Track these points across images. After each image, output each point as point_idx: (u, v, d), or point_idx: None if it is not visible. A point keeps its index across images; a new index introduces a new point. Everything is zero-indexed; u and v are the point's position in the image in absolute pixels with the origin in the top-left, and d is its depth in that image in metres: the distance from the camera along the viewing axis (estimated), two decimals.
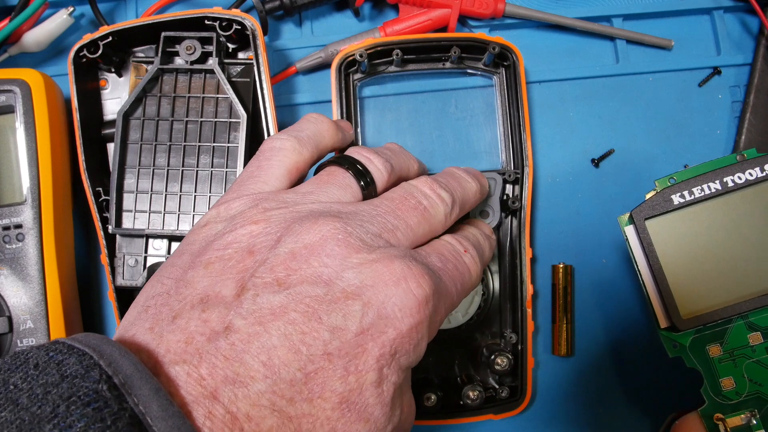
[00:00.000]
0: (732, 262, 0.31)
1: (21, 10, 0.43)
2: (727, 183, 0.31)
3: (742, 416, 0.30)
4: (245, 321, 0.22)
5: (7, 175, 0.41)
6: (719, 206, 0.31)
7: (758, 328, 0.30)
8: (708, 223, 0.31)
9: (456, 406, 0.42)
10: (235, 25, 0.41)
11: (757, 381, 0.30)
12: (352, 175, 0.29)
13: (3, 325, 0.40)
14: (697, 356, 0.32)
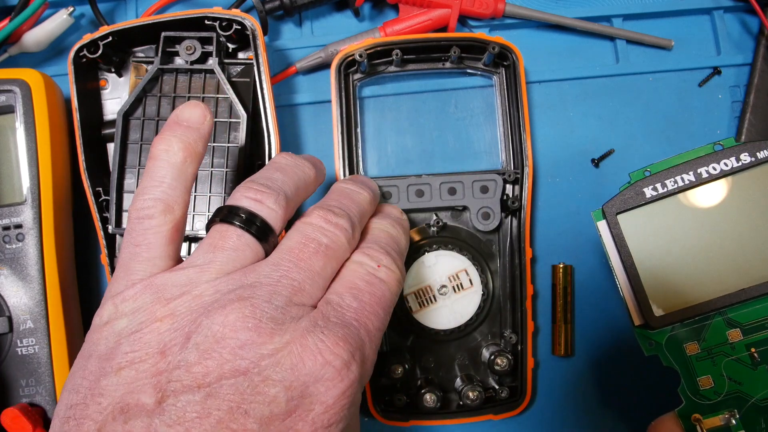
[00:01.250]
0: (709, 257, 0.30)
1: (21, 10, 0.43)
2: (701, 174, 0.30)
3: (721, 417, 0.29)
4: (171, 429, 0.22)
5: (7, 175, 0.41)
6: (694, 198, 0.30)
7: (737, 325, 0.29)
8: (683, 216, 0.30)
9: (456, 406, 0.42)
10: (235, 25, 0.41)
11: (736, 380, 0.29)
12: (245, 231, 0.28)
13: (3, 325, 0.40)
14: (673, 354, 0.31)
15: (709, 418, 0.29)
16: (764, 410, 0.28)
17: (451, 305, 0.41)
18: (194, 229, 0.40)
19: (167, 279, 0.26)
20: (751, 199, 0.29)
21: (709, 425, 0.29)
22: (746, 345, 0.29)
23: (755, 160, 0.29)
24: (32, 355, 0.40)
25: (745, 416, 0.29)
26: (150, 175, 0.29)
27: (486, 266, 0.42)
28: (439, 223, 0.43)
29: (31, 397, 0.40)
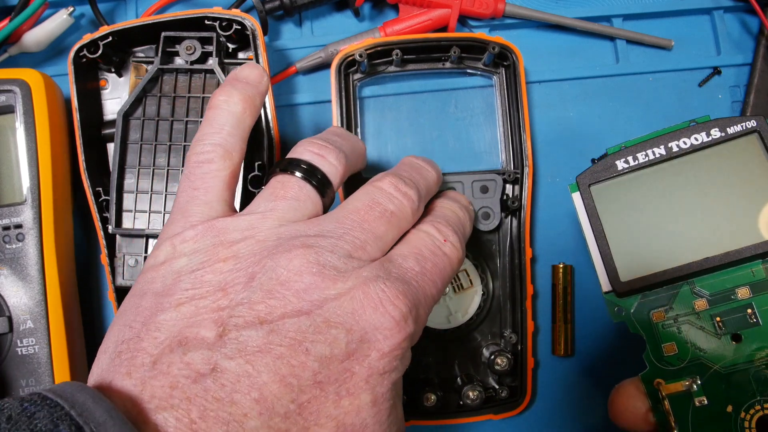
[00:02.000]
0: (676, 228, 0.30)
1: (21, 10, 0.43)
2: (671, 148, 0.30)
3: (683, 383, 0.29)
4: (233, 361, 0.22)
5: (7, 175, 0.41)
6: (664, 172, 0.31)
7: (703, 295, 0.29)
8: (653, 188, 0.31)
9: (456, 406, 0.42)
10: (235, 25, 0.41)
11: (700, 348, 0.29)
12: (307, 182, 0.28)
13: (3, 325, 0.40)
14: (640, 322, 0.31)
15: (672, 383, 0.30)
16: (725, 378, 0.28)
17: (451, 305, 0.41)
18: None
19: (228, 223, 0.27)
20: (720, 174, 0.29)
21: (671, 390, 0.30)
22: (711, 315, 0.29)
23: (725, 136, 0.29)
24: (32, 355, 0.40)
25: (707, 383, 0.29)
26: (209, 123, 0.30)
27: (486, 266, 0.42)
28: None
29: None
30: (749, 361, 0.28)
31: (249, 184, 0.41)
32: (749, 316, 0.28)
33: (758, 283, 0.28)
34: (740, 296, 0.28)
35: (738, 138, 0.29)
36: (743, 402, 0.28)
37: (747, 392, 0.28)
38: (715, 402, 0.29)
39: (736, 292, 0.29)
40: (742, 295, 0.28)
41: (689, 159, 0.30)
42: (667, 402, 0.29)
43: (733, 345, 0.28)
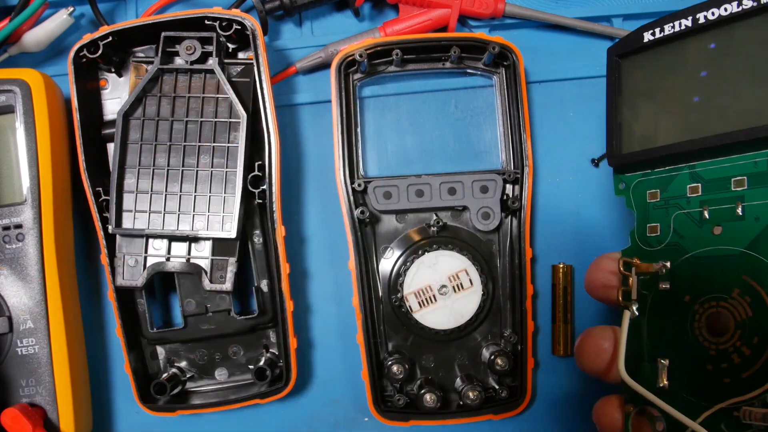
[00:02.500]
0: (688, 103, 0.29)
1: (21, 10, 0.43)
2: (698, 19, 0.28)
3: (655, 264, 0.29)
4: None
5: (7, 175, 0.41)
6: (690, 45, 0.29)
7: (700, 180, 0.28)
8: (678, 63, 0.29)
9: (456, 406, 0.42)
10: (235, 25, 0.41)
11: (680, 233, 0.29)
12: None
13: (3, 325, 0.40)
14: (636, 199, 0.31)
15: (645, 263, 0.29)
16: (693, 267, 0.28)
17: (451, 305, 0.41)
18: (194, 229, 0.40)
19: None
20: (749, 48, 0.27)
21: (643, 269, 0.29)
22: (701, 201, 0.28)
23: (758, 5, 0.26)
24: (32, 355, 0.40)
25: (675, 269, 0.28)
26: None
27: (486, 266, 0.42)
28: (439, 223, 0.43)
29: (31, 397, 0.40)
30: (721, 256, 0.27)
31: (249, 184, 0.41)
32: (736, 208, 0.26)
33: (757, 174, 0.26)
34: (734, 187, 0.27)
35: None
36: (700, 295, 0.27)
37: (707, 286, 0.27)
38: (677, 289, 0.28)
39: (731, 182, 0.27)
40: (737, 185, 0.27)
41: (716, 32, 0.28)
42: (632, 279, 0.30)
43: (711, 236, 0.27)
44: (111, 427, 0.46)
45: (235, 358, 0.44)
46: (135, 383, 0.42)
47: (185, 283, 0.43)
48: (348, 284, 0.42)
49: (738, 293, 0.26)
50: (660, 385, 0.28)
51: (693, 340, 0.27)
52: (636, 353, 0.29)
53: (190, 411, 0.43)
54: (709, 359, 0.26)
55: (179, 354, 0.44)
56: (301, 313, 0.46)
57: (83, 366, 0.44)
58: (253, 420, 0.46)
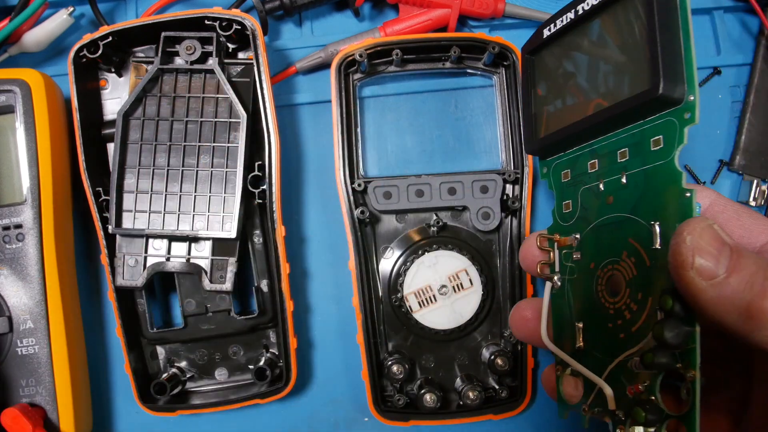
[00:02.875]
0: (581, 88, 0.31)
1: (21, 10, 0.43)
2: (578, 11, 0.31)
3: (569, 237, 0.32)
4: None
5: (7, 175, 0.41)
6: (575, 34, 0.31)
7: (597, 156, 0.30)
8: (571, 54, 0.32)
9: (456, 406, 0.42)
10: (235, 25, 0.41)
11: (585, 206, 0.31)
12: None
13: (3, 325, 0.40)
14: (555, 180, 0.33)
15: (563, 237, 0.32)
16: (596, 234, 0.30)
17: (451, 305, 0.41)
18: (194, 229, 0.40)
19: None
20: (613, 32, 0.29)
21: (562, 243, 0.32)
22: (597, 175, 0.30)
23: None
24: (32, 355, 0.40)
25: (583, 240, 0.31)
26: None
27: (486, 266, 0.42)
28: (439, 223, 0.43)
29: (31, 397, 0.40)
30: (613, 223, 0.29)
31: (249, 184, 0.41)
32: (622, 177, 0.29)
33: (635, 145, 0.28)
34: (620, 159, 0.29)
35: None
36: (601, 261, 0.29)
37: (605, 252, 0.29)
38: (585, 258, 0.31)
39: (617, 155, 0.29)
40: (621, 157, 0.29)
41: (592, 20, 0.30)
42: (553, 254, 0.33)
43: (606, 206, 0.30)
44: (111, 427, 0.46)
45: (235, 358, 0.44)
46: (135, 383, 0.42)
47: (185, 283, 0.43)
48: (348, 284, 0.42)
49: (626, 255, 0.28)
50: (577, 346, 0.30)
51: (598, 302, 0.29)
52: (561, 320, 0.32)
53: (190, 411, 0.43)
54: (609, 318, 0.28)
55: (179, 354, 0.44)
56: (301, 313, 0.46)
57: (83, 366, 0.44)
58: (253, 420, 0.46)
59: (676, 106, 0.26)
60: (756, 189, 0.46)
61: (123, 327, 0.42)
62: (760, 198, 0.46)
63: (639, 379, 0.26)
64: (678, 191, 0.25)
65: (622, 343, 0.27)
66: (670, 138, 0.26)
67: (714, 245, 0.23)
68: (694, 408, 0.24)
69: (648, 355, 0.25)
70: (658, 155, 0.27)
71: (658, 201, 0.26)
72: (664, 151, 0.26)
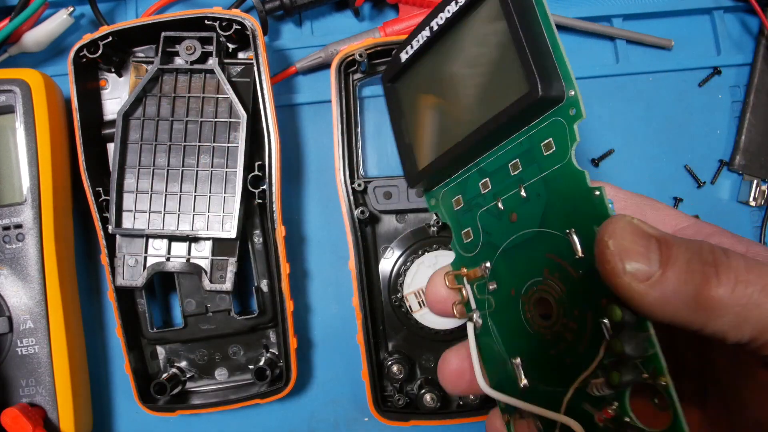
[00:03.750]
0: (459, 104, 0.28)
1: (21, 10, 0.43)
2: (433, 27, 0.28)
3: (479, 268, 0.28)
4: None
5: (7, 175, 0.41)
6: (439, 54, 0.29)
7: (487, 174, 0.28)
8: (436, 74, 0.30)
9: (456, 406, 0.42)
10: (235, 25, 0.41)
11: (487, 230, 0.28)
12: None
13: (3, 325, 0.40)
14: (446, 210, 0.30)
15: (472, 269, 0.29)
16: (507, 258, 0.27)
17: None
18: (194, 229, 0.40)
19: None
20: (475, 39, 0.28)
21: (472, 276, 0.29)
22: (494, 194, 0.28)
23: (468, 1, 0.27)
24: (32, 355, 0.40)
25: (495, 267, 0.28)
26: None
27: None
28: (439, 223, 0.43)
29: (31, 397, 0.40)
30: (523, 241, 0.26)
31: (249, 184, 0.41)
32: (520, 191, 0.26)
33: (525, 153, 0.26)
34: (512, 171, 0.27)
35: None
36: (521, 285, 0.26)
37: (524, 275, 0.26)
38: (502, 286, 0.28)
39: (509, 168, 0.27)
40: (514, 169, 0.27)
41: (448, 35, 0.28)
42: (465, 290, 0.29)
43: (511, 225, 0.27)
44: (111, 427, 0.46)
45: (235, 358, 0.44)
46: (135, 383, 0.42)
47: (185, 283, 0.43)
48: (348, 284, 0.42)
49: (547, 272, 0.25)
50: (522, 385, 0.27)
51: (531, 330, 0.26)
52: (494, 360, 0.28)
53: (190, 411, 0.43)
54: (549, 345, 0.26)
55: (179, 354, 0.44)
56: (301, 313, 0.46)
57: (83, 366, 0.44)
58: (253, 420, 0.46)
59: (558, 105, 0.25)
60: (756, 189, 0.46)
61: (123, 327, 0.42)
62: (760, 198, 0.46)
63: (605, 403, 0.23)
64: (585, 191, 0.23)
65: (571, 368, 0.24)
66: (561, 139, 0.25)
67: (640, 242, 0.21)
68: (678, 416, 0.21)
69: (614, 375, 0.22)
70: (553, 159, 0.25)
71: (566, 206, 0.24)
72: (559, 154, 0.25)
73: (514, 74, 0.25)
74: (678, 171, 0.47)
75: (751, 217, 0.47)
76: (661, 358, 0.21)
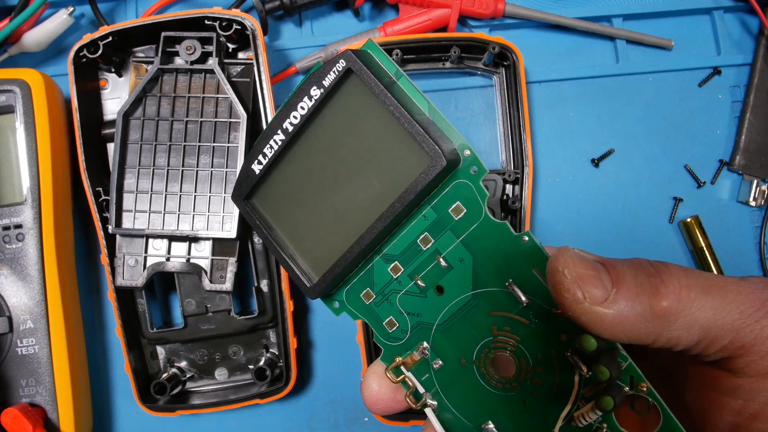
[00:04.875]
0: (336, 203, 0.27)
1: (21, 10, 0.43)
2: (287, 129, 0.27)
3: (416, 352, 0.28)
4: None
5: (7, 175, 0.41)
6: (302, 154, 0.27)
7: (394, 258, 0.27)
8: (300, 176, 0.28)
9: None
10: (235, 25, 0.41)
11: (414, 312, 0.28)
12: None
13: (3, 325, 0.40)
14: (357, 308, 0.29)
15: (408, 356, 0.28)
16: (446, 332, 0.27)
17: None
18: (194, 229, 0.40)
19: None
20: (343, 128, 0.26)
21: (410, 363, 0.28)
22: (409, 275, 0.27)
23: (325, 90, 0.26)
24: (32, 355, 0.40)
25: (434, 345, 0.28)
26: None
27: None
28: None
29: (31, 397, 0.40)
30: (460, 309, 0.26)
31: None
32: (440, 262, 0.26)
33: (433, 225, 0.26)
34: (424, 246, 0.26)
35: (340, 87, 0.26)
36: (471, 352, 0.27)
37: (470, 341, 0.27)
38: (449, 360, 0.27)
39: (418, 244, 0.26)
40: (424, 243, 0.26)
41: (310, 131, 0.27)
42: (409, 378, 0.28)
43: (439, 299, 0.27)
44: (111, 427, 0.46)
45: (235, 358, 0.44)
46: (135, 383, 0.42)
47: (185, 283, 0.43)
48: None
49: (496, 330, 0.26)
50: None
51: (495, 391, 0.27)
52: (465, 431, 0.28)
53: (190, 411, 0.43)
54: (519, 397, 0.26)
55: (179, 354, 0.44)
56: (301, 313, 0.46)
57: (83, 366, 0.44)
58: (253, 420, 0.46)
59: (457, 168, 0.24)
60: (756, 189, 0.46)
61: (123, 327, 0.42)
62: (760, 198, 0.46)
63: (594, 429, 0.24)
64: (512, 240, 0.24)
65: (549, 410, 0.25)
66: (470, 199, 0.25)
67: (589, 267, 0.22)
68: (666, 412, 0.22)
69: (606, 400, 0.22)
70: (467, 220, 0.25)
71: (497, 261, 0.25)
72: (472, 214, 0.25)
73: (406, 151, 0.24)
74: (678, 171, 0.47)
75: (751, 217, 0.47)
76: (634, 365, 0.23)
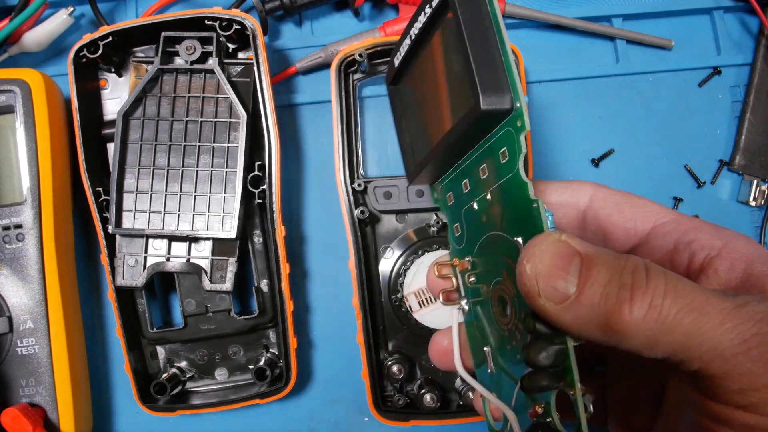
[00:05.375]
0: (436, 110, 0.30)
1: (21, 10, 0.43)
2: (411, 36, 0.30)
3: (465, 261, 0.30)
4: None
5: (7, 175, 0.41)
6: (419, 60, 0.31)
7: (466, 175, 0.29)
8: (419, 78, 0.31)
9: (456, 406, 0.42)
10: (235, 25, 0.41)
11: (469, 227, 0.29)
12: None
13: (3, 325, 0.40)
14: (443, 204, 0.32)
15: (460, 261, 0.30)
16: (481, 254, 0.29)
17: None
18: (194, 229, 0.40)
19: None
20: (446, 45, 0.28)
21: (460, 267, 0.30)
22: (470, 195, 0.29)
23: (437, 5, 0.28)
24: (32, 355, 0.40)
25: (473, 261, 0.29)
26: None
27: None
28: (439, 223, 0.43)
29: (31, 397, 0.40)
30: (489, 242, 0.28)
31: (249, 184, 0.41)
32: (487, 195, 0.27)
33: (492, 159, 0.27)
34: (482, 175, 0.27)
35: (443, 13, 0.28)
36: (490, 282, 0.28)
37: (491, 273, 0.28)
38: (479, 280, 0.29)
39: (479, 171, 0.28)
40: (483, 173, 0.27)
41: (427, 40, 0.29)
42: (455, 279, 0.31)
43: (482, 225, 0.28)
44: (111, 427, 0.46)
45: (235, 358, 0.44)
46: (135, 383, 0.42)
47: (185, 283, 0.43)
48: (348, 284, 0.42)
49: (505, 274, 0.26)
50: (489, 371, 0.29)
51: (496, 324, 0.28)
52: (476, 345, 0.30)
53: (190, 411, 0.43)
54: (506, 340, 0.27)
55: (179, 354, 0.44)
56: (301, 313, 0.46)
57: (83, 366, 0.44)
58: (253, 420, 0.46)
59: (510, 116, 0.25)
60: (756, 189, 0.46)
61: (123, 327, 0.42)
62: (760, 198, 0.46)
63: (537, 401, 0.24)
64: (528, 202, 0.24)
65: (520, 364, 0.26)
66: (512, 149, 0.25)
67: (560, 264, 0.21)
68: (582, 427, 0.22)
69: (525, 379, 0.23)
70: (507, 168, 0.26)
71: (516, 214, 0.25)
72: (510, 163, 0.25)
73: (466, 86, 0.25)
74: (678, 171, 0.47)
75: (751, 217, 0.47)
76: (574, 371, 0.22)
